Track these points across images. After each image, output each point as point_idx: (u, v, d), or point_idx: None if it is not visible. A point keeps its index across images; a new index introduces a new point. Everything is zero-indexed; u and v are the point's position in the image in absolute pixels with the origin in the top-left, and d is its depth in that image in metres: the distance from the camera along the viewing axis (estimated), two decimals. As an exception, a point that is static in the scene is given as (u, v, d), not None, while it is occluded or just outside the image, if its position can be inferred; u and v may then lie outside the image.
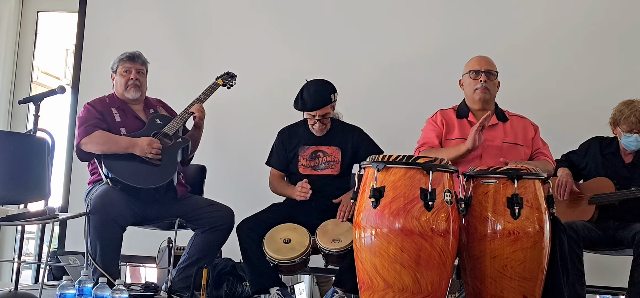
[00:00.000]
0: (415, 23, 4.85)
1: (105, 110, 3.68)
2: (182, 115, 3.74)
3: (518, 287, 2.74)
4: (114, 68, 3.79)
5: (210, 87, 3.93)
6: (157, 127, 3.68)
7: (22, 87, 5.65)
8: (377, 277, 2.63)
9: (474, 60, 3.54)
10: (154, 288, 4.44)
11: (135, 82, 3.73)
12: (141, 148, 3.50)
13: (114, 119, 3.67)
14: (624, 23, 4.59)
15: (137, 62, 3.77)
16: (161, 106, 3.90)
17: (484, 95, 3.48)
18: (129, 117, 3.72)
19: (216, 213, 3.62)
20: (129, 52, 3.79)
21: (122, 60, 3.76)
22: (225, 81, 4.07)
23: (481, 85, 3.47)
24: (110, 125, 3.64)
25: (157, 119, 3.73)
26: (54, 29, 6.75)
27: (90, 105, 3.71)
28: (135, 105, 3.79)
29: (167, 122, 3.69)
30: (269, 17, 5.03)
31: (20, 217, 3.40)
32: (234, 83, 4.12)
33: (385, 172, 2.68)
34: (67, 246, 4.99)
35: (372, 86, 4.80)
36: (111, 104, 3.73)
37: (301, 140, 3.68)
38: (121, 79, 3.74)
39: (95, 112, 3.65)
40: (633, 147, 3.59)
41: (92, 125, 3.58)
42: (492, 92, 3.52)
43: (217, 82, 4.02)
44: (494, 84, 3.53)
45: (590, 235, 3.51)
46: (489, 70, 3.49)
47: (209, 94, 3.89)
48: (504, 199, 2.76)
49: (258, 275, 3.48)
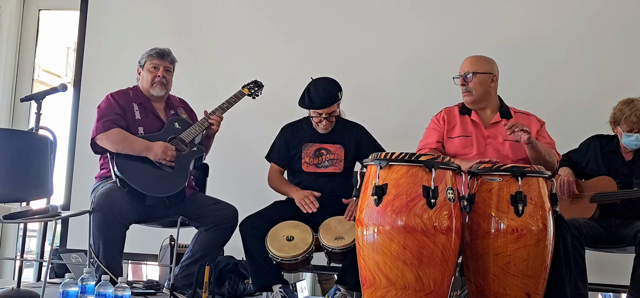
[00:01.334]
0: (416, 22, 4.83)
1: (127, 105, 3.66)
2: (202, 122, 3.71)
3: (521, 284, 2.74)
4: (142, 62, 3.76)
5: (235, 96, 3.88)
6: (175, 131, 3.65)
7: (24, 85, 5.65)
8: (379, 275, 2.63)
9: (461, 64, 3.56)
10: (156, 285, 4.44)
11: (162, 79, 3.72)
12: (155, 153, 3.49)
13: (134, 116, 3.65)
14: (622, 19, 4.57)
15: (166, 60, 3.75)
16: (182, 107, 3.88)
17: (466, 98, 3.51)
18: (149, 116, 3.70)
19: (220, 212, 3.62)
20: (159, 49, 3.77)
21: (151, 55, 3.74)
22: (251, 91, 4.00)
23: (464, 89, 3.50)
24: (129, 122, 3.62)
25: (176, 123, 3.71)
26: (56, 27, 6.76)
27: (112, 96, 3.68)
28: (158, 103, 3.78)
29: (186, 128, 3.67)
30: (272, 17, 5.02)
31: (23, 215, 3.40)
32: (260, 93, 4.05)
33: (387, 169, 2.68)
34: (69, 244, 4.99)
35: (374, 85, 4.79)
36: (134, 99, 3.71)
37: (304, 137, 3.68)
38: (148, 75, 3.72)
39: (116, 106, 3.63)
40: (633, 146, 3.59)
41: (110, 121, 3.56)
42: (478, 91, 3.49)
43: (242, 91, 3.95)
44: (480, 82, 3.49)
45: (592, 233, 3.50)
46: (467, 72, 3.50)
47: (233, 103, 3.84)
48: (507, 197, 2.76)
49: (261, 273, 3.48)
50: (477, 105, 3.52)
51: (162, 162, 3.49)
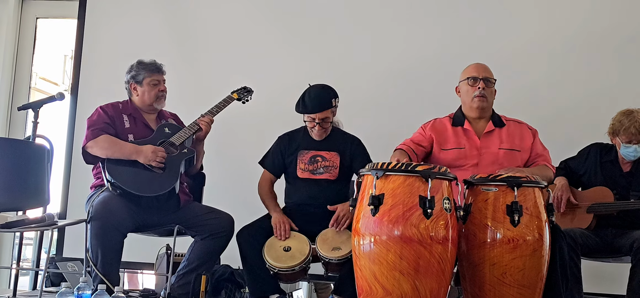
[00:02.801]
0: (413, 30, 4.86)
1: (116, 115, 3.69)
2: (191, 126, 3.73)
3: (517, 294, 2.74)
4: (139, 79, 3.75)
5: (224, 101, 3.90)
6: (165, 135, 3.68)
7: (21, 93, 5.64)
8: (376, 285, 2.63)
9: (472, 68, 3.53)
10: (153, 294, 4.43)
11: (164, 93, 3.77)
12: (145, 155, 3.50)
13: (124, 125, 3.68)
14: (620, 30, 4.60)
15: (163, 73, 3.79)
16: (173, 119, 3.90)
17: (482, 103, 3.46)
18: (138, 125, 3.72)
19: (216, 221, 3.62)
20: (154, 63, 3.78)
21: (150, 71, 3.74)
22: (240, 96, 4.02)
23: (479, 92, 3.45)
24: (119, 131, 3.64)
25: (165, 128, 3.73)
26: (53, 35, 6.76)
27: (102, 108, 3.71)
28: (149, 114, 3.80)
29: (176, 132, 3.69)
30: (270, 25, 5.04)
31: (20, 224, 3.39)
32: (249, 98, 4.07)
33: (384, 179, 2.69)
34: (66, 252, 4.98)
35: (372, 93, 4.81)
36: (123, 111, 3.74)
37: (301, 144, 3.69)
38: (151, 90, 3.73)
39: (105, 116, 3.65)
40: (632, 157, 3.59)
41: (99, 129, 3.59)
42: (490, 100, 3.51)
43: (231, 95, 3.97)
44: (492, 92, 3.52)
45: (588, 243, 3.51)
46: (487, 78, 3.48)
47: (222, 108, 3.86)
48: (503, 207, 2.77)
49: (258, 283, 3.48)
50: (484, 112, 3.51)
51: (152, 164, 3.50)
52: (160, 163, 3.51)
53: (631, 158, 3.60)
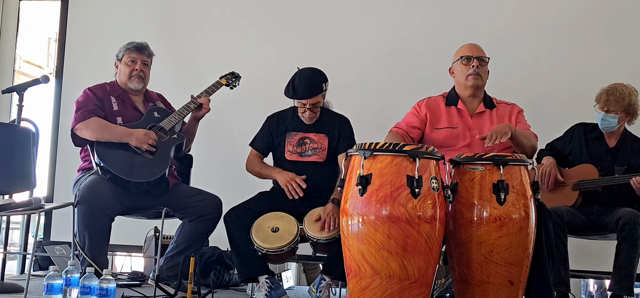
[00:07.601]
0: (400, 12, 4.85)
1: (104, 97, 3.66)
2: (181, 111, 3.72)
3: (504, 272, 2.76)
4: (119, 56, 3.75)
5: (214, 86, 3.90)
6: (155, 120, 3.65)
7: (5, 77, 5.59)
8: (364, 264, 2.64)
9: (466, 47, 3.55)
10: (141, 277, 4.43)
11: (139, 73, 3.71)
12: (137, 138, 3.48)
13: (112, 107, 3.65)
14: (609, 7, 4.61)
15: (143, 54, 3.75)
16: (160, 101, 3.88)
17: (476, 81, 3.49)
18: (127, 107, 3.70)
19: (203, 203, 3.61)
20: (137, 43, 3.76)
21: (129, 49, 3.73)
22: (229, 81, 4.03)
23: (473, 70, 3.48)
24: (108, 113, 3.61)
25: (155, 112, 3.71)
26: (36, 18, 6.69)
27: (89, 90, 3.68)
28: (136, 96, 3.78)
29: (165, 116, 3.67)
30: (257, 8, 5.02)
31: (6, 208, 3.37)
32: (237, 84, 4.09)
33: (372, 159, 2.69)
34: (53, 236, 4.96)
35: (360, 75, 4.81)
36: (111, 92, 3.71)
37: (289, 126, 3.67)
38: (126, 69, 3.71)
39: (94, 98, 3.62)
40: (603, 126, 3.67)
41: (89, 111, 3.55)
42: (484, 79, 3.54)
43: (220, 81, 3.98)
44: (485, 71, 3.54)
45: (574, 221, 3.55)
46: (481, 57, 3.51)
47: (211, 92, 3.86)
48: (490, 185, 2.77)
49: (246, 264, 3.48)
50: (478, 91, 3.53)
51: (143, 148, 3.48)
52: (151, 147, 3.50)
53: (604, 127, 3.66)
